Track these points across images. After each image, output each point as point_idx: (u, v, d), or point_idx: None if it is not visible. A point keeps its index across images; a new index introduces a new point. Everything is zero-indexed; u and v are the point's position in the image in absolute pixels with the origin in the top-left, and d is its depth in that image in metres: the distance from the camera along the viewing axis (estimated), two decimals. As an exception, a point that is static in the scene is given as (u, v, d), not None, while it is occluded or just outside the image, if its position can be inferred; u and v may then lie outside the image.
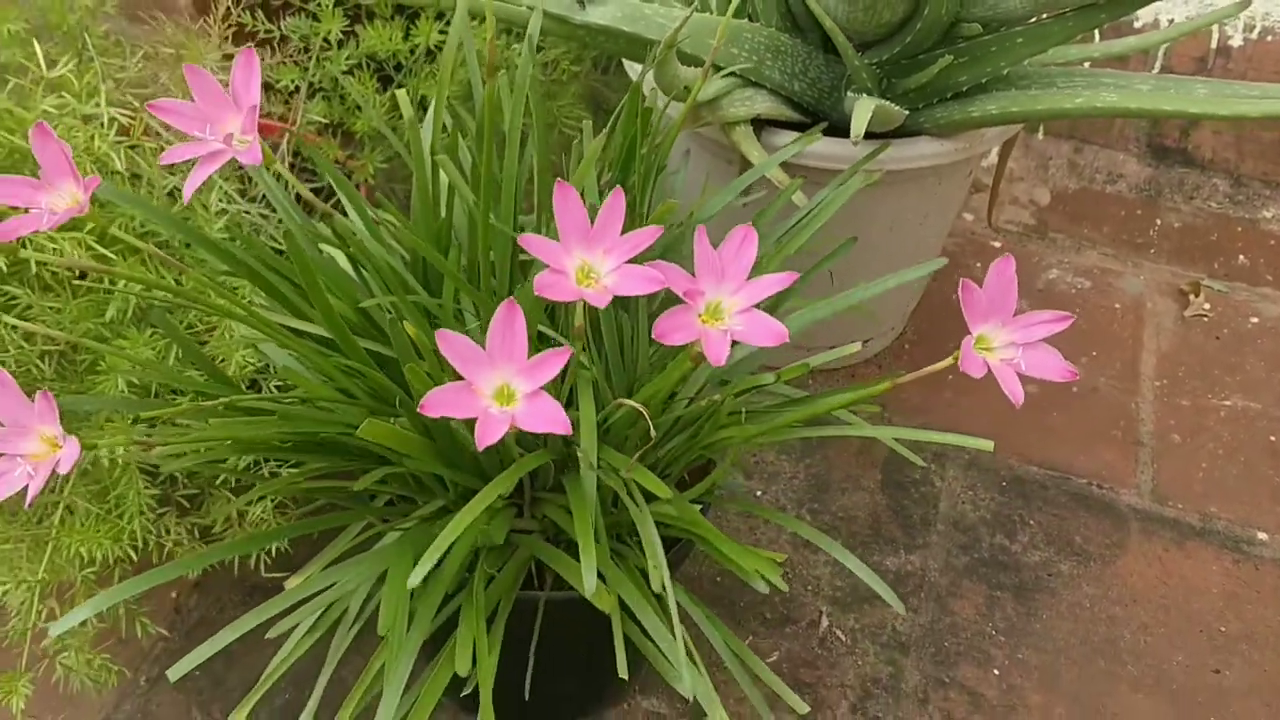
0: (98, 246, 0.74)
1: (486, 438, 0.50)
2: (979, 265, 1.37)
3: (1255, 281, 1.36)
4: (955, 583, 1.00)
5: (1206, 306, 1.32)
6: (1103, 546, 1.04)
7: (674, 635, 0.65)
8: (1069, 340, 1.24)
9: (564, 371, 0.68)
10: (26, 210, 0.53)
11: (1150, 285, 1.35)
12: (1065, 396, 1.19)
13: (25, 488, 0.49)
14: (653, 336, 0.53)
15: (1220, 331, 1.29)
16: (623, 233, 0.56)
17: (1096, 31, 1.47)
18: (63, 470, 0.49)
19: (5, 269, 0.71)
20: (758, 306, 0.58)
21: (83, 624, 0.76)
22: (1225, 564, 1.03)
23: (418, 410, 0.51)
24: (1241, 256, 1.40)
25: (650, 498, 0.68)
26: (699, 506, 0.73)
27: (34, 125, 0.52)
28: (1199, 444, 1.15)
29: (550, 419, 0.52)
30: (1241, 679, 0.93)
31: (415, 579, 0.57)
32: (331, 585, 0.68)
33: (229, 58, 0.95)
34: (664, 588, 0.63)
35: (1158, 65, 1.50)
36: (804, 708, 0.74)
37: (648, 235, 0.55)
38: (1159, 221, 1.46)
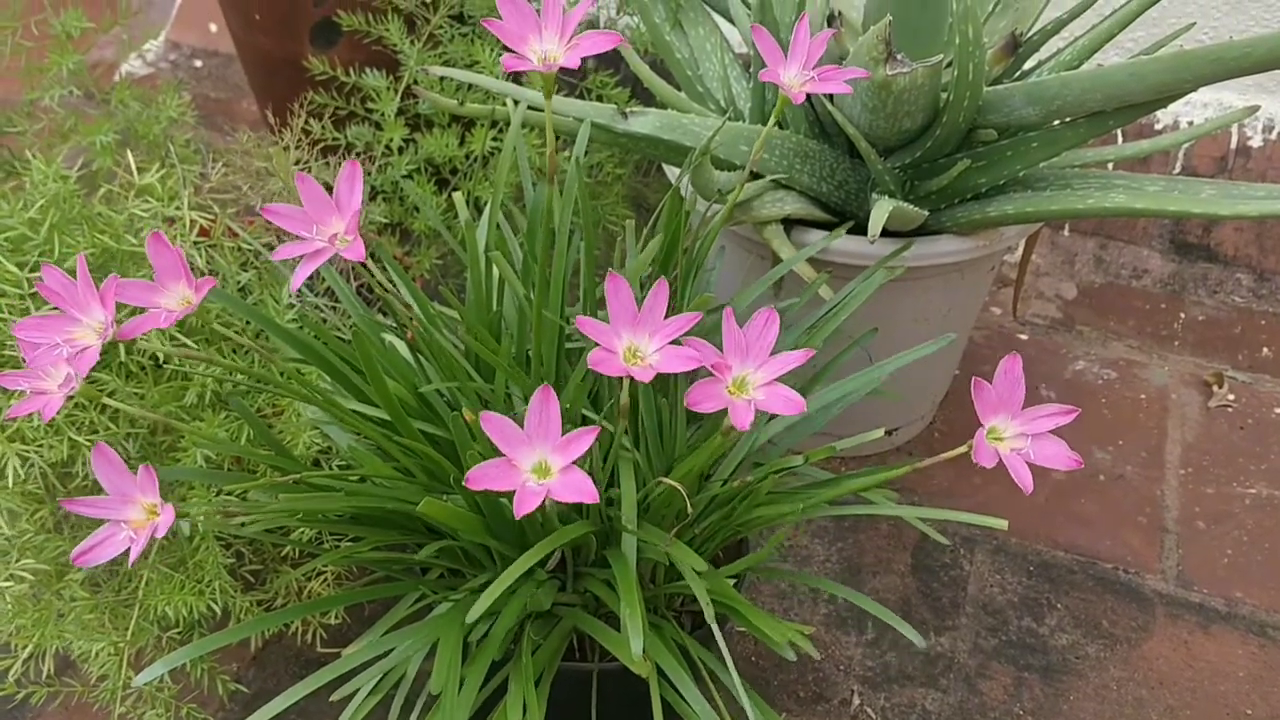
0: (180, 336, 0.81)
1: (523, 508, 0.56)
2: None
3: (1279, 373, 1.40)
4: (984, 664, 1.03)
5: (1231, 397, 1.35)
6: (1129, 630, 1.06)
7: (726, 663, 0.69)
8: (1096, 430, 1.29)
9: (607, 453, 0.74)
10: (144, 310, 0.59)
11: (1175, 376, 1.39)
12: (1092, 484, 1.22)
13: (127, 550, 0.55)
14: (686, 405, 0.58)
15: (1245, 421, 1.32)
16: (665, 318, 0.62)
17: (1120, 134, 1.53)
18: (159, 534, 0.54)
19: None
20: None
21: (159, 688, 0.81)
22: (1251, 648, 1.05)
23: (464, 484, 0.56)
24: (1265, 349, 1.44)
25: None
26: (733, 581, 0.77)
27: (150, 235, 0.58)
28: (1224, 531, 1.17)
29: (581, 490, 0.57)
30: (1268, 762, 0.95)
31: (474, 615, 0.62)
32: (389, 651, 0.73)
33: (297, 163, 1.04)
34: (714, 631, 0.67)
35: (1179, 165, 1.55)
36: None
37: (687, 320, 0.61)
38: (1183, 315, 1.50)
